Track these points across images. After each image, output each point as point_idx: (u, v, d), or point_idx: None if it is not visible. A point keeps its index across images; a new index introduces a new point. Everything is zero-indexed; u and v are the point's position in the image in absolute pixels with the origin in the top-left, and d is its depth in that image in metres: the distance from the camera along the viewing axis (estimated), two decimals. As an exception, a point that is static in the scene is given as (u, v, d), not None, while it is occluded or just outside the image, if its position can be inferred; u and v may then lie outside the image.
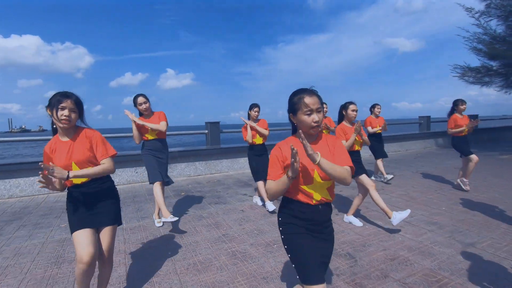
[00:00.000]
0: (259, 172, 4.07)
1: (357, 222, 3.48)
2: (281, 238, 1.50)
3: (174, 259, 2.74)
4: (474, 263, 2.54)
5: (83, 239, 1.74)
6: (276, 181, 1.39)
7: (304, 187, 1.41)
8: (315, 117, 1.37)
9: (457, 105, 4.87)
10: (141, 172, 6.05)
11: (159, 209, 3.53)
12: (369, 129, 5.48)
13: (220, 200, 4.67)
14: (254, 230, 3.40)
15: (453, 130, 4.82)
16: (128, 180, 5.98)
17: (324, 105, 4.99)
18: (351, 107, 3.34)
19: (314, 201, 1.43)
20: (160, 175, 3.43)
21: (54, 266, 2.63)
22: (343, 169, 1.38)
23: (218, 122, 7.30)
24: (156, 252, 2.88)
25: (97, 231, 1.88)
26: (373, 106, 5.56)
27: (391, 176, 5.55)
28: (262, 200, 4.28)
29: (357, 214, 3.82)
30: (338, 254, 2.77)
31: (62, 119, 1.72)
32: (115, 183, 2.06)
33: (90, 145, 1.83)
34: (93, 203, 1.85)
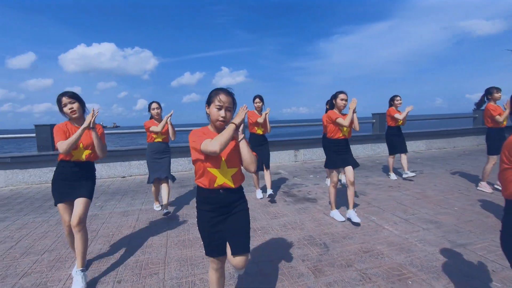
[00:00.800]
0: (258, 162, 4.31)
1: (339, 217, 3.50)
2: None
3: (169, 235, 3.19)
4: (452, 263, 2.45)
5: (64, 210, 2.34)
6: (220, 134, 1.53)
7: (210, 170, 1.63)
8: (222, 113, 1.60)
9: (491, 93, 4.40)
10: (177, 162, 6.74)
11: (155, 196, 4.14)
12: (397, 116, 5.18)
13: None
14: (255, 219, 3.67)
15: (500, 118, 4.28)
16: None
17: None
18: (340, 96, 3.36)
19: (216, 185, 1.64)
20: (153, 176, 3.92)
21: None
22: (252, 156, 1.60)
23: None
24: (157, 229, 3.37)
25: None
26: (392, 99, 5.30)
27: (413, 173, 5.28)
28: (264, 191, 4.53)
29: (357, 208, 3.82)
30: (314, 243, 2.90)
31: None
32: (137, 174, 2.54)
33: None
34: (76, 180, 2.36)
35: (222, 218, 1.68)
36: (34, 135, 6.22)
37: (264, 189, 4.72)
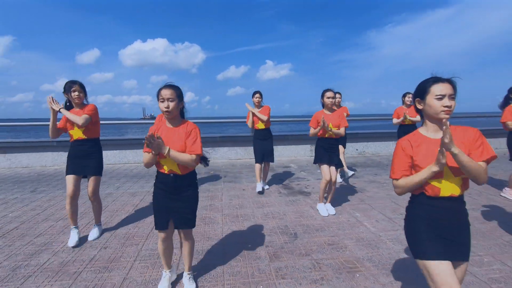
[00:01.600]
0: (259, 155, 4.51)
1: (323, 211, 3.57)
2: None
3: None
4: (410, 263, 2.43)
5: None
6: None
7: (160, 160, 1.91)
8: (165, 104, 1.86)
9: None
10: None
11: None
12: (394, 120, 5.04)
13: (235, 179, 5.31)
14: (237, 205, 3.92)
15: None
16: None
17: (338, 95, 4.90)
18: (327, 94, 3.40)
19: (167, 171, 1.92)
20: None
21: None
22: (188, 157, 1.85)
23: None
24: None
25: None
26: (404, 95, 5.05)
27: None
28: (264, 184, 4.72)
29: (347, 204, 3.85)
30: (285, 232, 3.05)
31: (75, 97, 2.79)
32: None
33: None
34: (82, 157, 2.85)
35: (170, 198, 1.96)
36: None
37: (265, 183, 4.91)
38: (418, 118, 4.83)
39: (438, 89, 1.35)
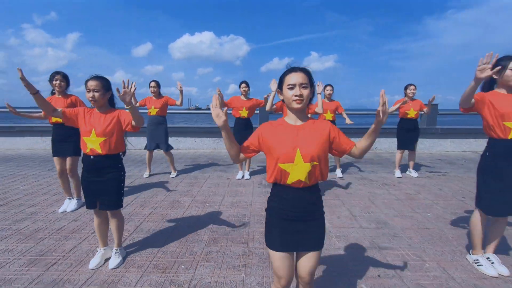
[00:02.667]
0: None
1: None
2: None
3: (157, 192, 3.91)
4: (337, 260, 2.37)
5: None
6: None
7: (84, 137, 2.11)
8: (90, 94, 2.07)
9: None
10: (199, 141, 7.57)
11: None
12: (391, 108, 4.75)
13: (226, 168, 5.48)
14: (212, 192, 4.09)
15: None
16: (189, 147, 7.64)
17: (329, 87, 4.73)
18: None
19: (88, 150, 2.11)
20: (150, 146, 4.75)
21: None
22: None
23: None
24: (162, 185, 4.15)
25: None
26: (405, 87, 4.70)
27: (415, 174, 4.95)
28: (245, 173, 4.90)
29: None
30: (240, 220, 3.14)
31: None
32: (182, 148, 3.30)
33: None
34: (62, 141, 3.27)
35: (93, 181, 2.17)
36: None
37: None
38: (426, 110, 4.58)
39: (290, 79, 1.34)
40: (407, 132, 4.78)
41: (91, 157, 2.15)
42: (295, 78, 1.33)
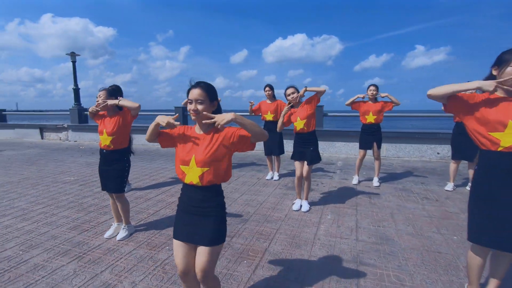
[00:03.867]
0: (267, 148, 4.85)
1: (295, 206, 3.59)
2: None
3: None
4: (304, 268, 2.32)
5: None
6: None
7: (101, 136, 2.73)
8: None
9: None
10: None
11: None
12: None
13: (263, 169, 5.68)
14: (235, 189, 4.39)
15: None
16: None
17: (372, 87, 4.36)
18: (288, 91, 3.42)
19: (102, 145, 2.72)
20: None
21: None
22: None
23: (321, 106, 7.63)
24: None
25: None
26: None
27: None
28: (275, 175, 5.00)
29: (334, 205, 3.64)
30: (240, 217, 3.36)
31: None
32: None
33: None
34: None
35: (103, 169, 2.81)
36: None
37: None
38: None
39: (189, 94, 1.53)
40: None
41: (104, 151, 2.78)
42: (192, 94, 1.52)
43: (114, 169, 2.78)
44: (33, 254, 2.56)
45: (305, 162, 3.41)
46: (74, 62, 10.47)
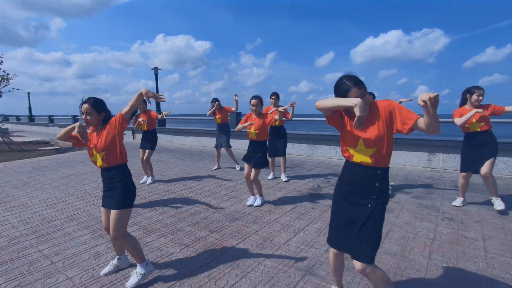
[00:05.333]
0: (274, 148, 5.10)
1: (249, 201, 3.99)
2: None
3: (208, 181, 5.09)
4: (264, 254, 2.41)
5: None
6: None
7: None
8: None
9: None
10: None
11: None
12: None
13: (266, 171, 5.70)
14: (232, 187, 4.63)
15: None
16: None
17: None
18: (251, 101, 3.80)
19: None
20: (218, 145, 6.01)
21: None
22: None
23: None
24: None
25: None
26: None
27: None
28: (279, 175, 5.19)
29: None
30: (231, 215, 3.60)
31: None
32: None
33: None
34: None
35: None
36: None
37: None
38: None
39: (81, 108, 2.21)
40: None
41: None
42: (82, 108, 2.15)
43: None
44: (70, 224, 3.43)
45: (252, 165, 3.80)
46: (156, 76, 12.50)
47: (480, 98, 3.38)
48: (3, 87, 13.79)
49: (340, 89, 1.62)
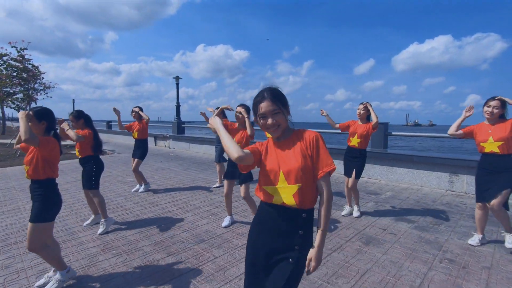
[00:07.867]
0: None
1: (224, 222, 3.68)
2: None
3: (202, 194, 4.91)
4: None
5: None
6: None
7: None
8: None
9: None
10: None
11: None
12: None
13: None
14: (219, 205, 4.34)
15: None
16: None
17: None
18: (236, 109, 3.49)
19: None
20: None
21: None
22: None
23: (386, 123, 6.37)
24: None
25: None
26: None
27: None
28: None
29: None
30: (214, 231, 3.33)
31: None
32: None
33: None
34: None
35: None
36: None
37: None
38: None
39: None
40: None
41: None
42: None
43: (86, 170, 3.49)
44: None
45: (233, 182, 3.58)
46: (177, 84, 12.80)
47: (490, 109, 2.78)
48: (44, 95, 15.17)
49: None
